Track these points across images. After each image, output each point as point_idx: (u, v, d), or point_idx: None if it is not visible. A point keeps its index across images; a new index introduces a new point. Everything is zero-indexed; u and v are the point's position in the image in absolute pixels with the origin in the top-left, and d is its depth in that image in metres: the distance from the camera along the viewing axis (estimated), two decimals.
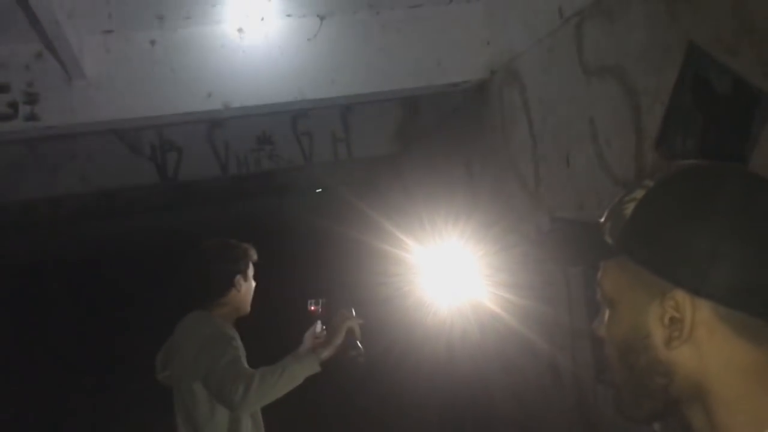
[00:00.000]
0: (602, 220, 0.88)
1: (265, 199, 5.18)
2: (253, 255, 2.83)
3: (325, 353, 2.55)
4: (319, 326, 2.80)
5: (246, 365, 2.54)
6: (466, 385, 3.66)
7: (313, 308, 2.85)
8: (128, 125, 3.19)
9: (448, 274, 2.95)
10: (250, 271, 2.82)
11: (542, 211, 2.81)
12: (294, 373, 2.48)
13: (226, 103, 2.97)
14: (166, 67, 2.90)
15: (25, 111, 2.81)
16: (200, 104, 2.97)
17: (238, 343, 2.63)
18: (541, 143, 2.77)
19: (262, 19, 2.95)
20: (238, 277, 2.76)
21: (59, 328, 6.05)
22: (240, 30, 2.96)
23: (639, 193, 0.83)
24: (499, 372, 3.38)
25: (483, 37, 3.09)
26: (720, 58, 1.80)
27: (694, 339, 0.78)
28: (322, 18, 3.00)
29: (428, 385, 3.61)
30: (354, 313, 2.66)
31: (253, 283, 2.85)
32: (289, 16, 2.96)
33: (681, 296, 0.78)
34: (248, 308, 2.85)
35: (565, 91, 2.55)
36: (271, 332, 3.03)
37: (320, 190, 4.31)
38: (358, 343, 2.60)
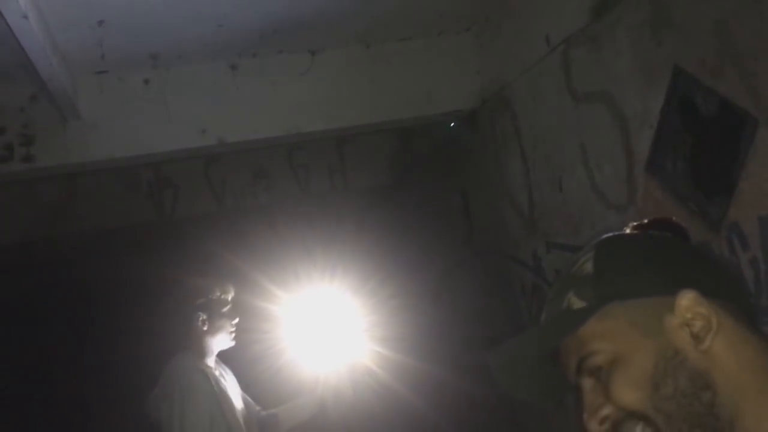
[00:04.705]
0: (551, 304, 0.88)
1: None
2: (216, 291, 2.79)
3: None
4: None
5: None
6: None
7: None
8: (124, 164, 3.21)
9: (324, 329, 2.94)
10: (219, 307, 2.79)
11: (538, 238, 2.82)
12: None
13: (220, 138, 2.99)
14: (161, 105, 2.93)
15: (21, 153, 2.83)
16: (195, 141, 2.99)
17: (207, 387, 2.63)
18: (534, 170, 2.79)
19: (255, 55, 2.99)
20: (200, 316, 2.74)
21: (58, 370, 5.99)
22: (233, 67, 3.00)
23: (587, 255, 0.88)
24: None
25: (473, 67, 3.13)
26: (705, 80, 1.82)
27: (719, 333, 0.80)
28: (313, 53, 3.04)
29: None
30: None
31: (229, 319, 2.80)
32: (280, 52, 3.00)
33: (689, 298, 0.81)
34: (228, 342, 2.82)
35: (555, 117, 2.57)
36: None
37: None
38: None
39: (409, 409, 3.04)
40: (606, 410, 0.81)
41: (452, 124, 3.37)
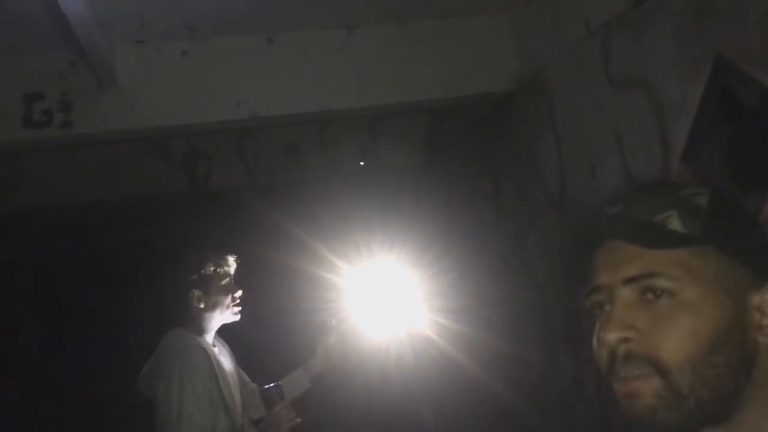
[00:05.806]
0: (641, 208, 0.85)
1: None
2: (209, 265, 2.75)
3: None
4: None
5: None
6: (400, 412, 3.70)
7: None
8: (159, 133, 3.24)
9: (385, 298, 2.97)
10: (216, 281, 2.75)
11: None
12: None
13: (254, 112, 3.01)
14: (196, 77, 2.96)
15: (59, 118, 2.88)
16: (229, 113, 3.01)
17: (207, 366, 2.62)
18: (567, 155, 2.76)
19: (291, 29, 2.99)
20: (194, 293, 2.72)
21: (86, 339, 6.09)
22: (269, 40, 3.00)
23: (700, 190, 0.85)
24: (431, 398, 3.48)
25: (509, 48, 3.10)
26: (748, 70, 1.78)
27: None
28: (350, 29, 3.03)
29: (362, 411, 3.66)
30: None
31: (227, 293, 2.77)
32: (317, 27, 2.99)
33: None
34: (227, 317, 2.79)
35: (591, 102, 2.54)
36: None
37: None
38: None
39: (469, 376, 3.14)
40: (634, 334, 0.80)
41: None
